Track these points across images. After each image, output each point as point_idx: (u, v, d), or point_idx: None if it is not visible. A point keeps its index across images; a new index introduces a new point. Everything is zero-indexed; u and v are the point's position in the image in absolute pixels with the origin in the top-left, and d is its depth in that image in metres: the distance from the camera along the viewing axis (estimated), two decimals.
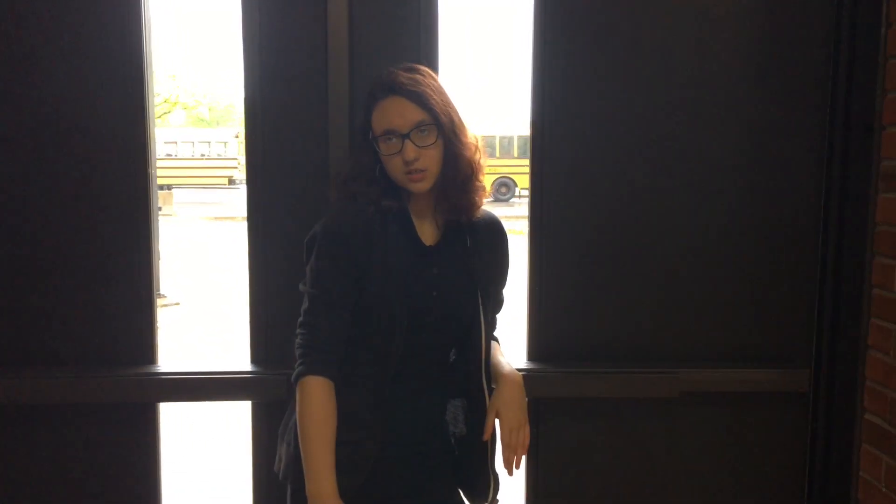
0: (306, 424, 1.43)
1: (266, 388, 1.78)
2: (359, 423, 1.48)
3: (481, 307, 1.54)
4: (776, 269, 1.88)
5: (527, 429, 1.54)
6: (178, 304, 7.89)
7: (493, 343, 1.65)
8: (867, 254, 1.77)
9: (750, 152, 1.84)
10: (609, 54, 1.80)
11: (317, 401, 1.44)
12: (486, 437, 1.52)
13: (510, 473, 1.53)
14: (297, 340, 1.45)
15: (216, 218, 15.47)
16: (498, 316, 1.67)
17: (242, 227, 2.10)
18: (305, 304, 1.46)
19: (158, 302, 1.98)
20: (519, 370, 1.59)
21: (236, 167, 20.26)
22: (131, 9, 1.75)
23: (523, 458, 1.54)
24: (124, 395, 1.79)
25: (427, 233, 1.55)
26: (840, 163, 1.81)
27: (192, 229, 14.28)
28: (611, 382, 1.80)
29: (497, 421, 1.52)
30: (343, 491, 1.44)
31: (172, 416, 3.32)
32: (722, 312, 1.88)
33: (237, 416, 3.94)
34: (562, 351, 1.86)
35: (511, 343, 1.79)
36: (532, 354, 1.87)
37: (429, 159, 1.45)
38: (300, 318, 1.45)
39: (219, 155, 20.89)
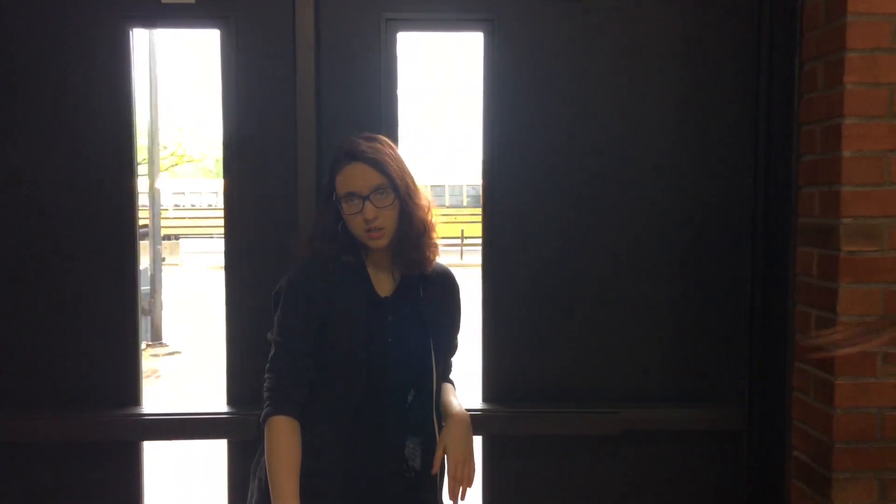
0: (273, 459, 1.57)
1: (240, 428, 1.93)
2: (324, 455, 1.61)
3: (433, 353, 1.68)
4: (712, 316, 2.04)
5: (472, 463, 1.66)
6: (179, 352, 8.04)
7: (448, 385, 1.78)
8: (789, 302, 1.94)
9: (683, 209, 2.01)
10: (551, 120, 1.99)
11: (282, 438, 1.58)
12: (435, 470, 1.65)
13: (454, 503, 1.67)
14: (265, 384, 1.61)
15: (221, 267, 15.68)
16: (453, 360, 1.83)
17: None
18: (272, 352, 1.62)
19: (160, 351, 2.13)
20: (473, 410, 1.75)
21: None
22: (121, 73, 1.93)
23: (468, 490, 1.68)
24: (111, 435, 1.95)
25: (383, 285, 1.69)
26: (763, 220, 1.98)
27: (197, 278, 14.48)
28: (555, 421, 1.95)
29: (445, 456, 1.66)
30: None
31: (154, 454, 3.44)
32: (662, 355, 2.03)
33: (215, 453, 4.08)
34: (513, 391, 2.01)
35: (468, 385, 1.95)
36: (486, 395, 2.02)
37: (386, 218, 1.61)
38: (267, 364, 1.61)
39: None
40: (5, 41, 1.89)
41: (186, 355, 7.89)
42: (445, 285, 1.77)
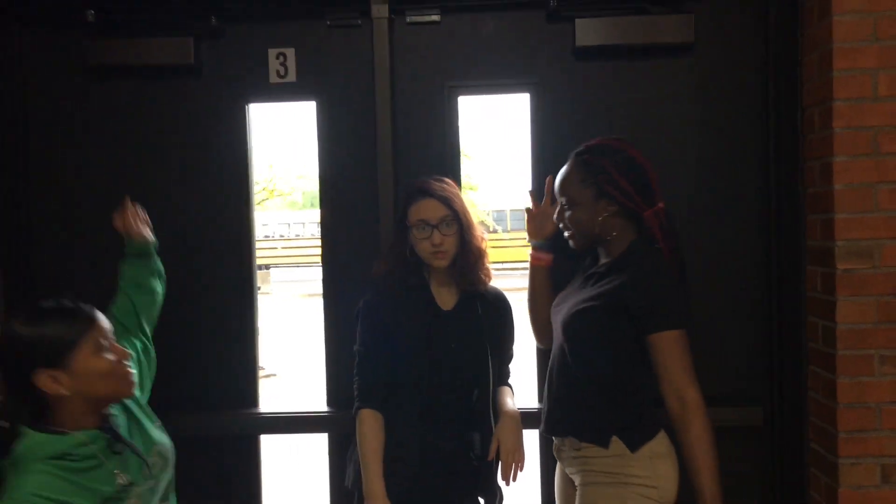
0: (362, 443, 1.99)
1: (338, 423, 2.35)
2: (403, 443, 1.99)
3: (489, 357, 2.06)
4: (736, 328, 2.35)
5: (521, 451, 2.02)
6: (275, 374, 8.65)
7: (505, 388, 2.15)
8: (802, 315, 2.24)
9: (709, 238, 2.33)
10: None
11: (368, 427, 1.99)
12: (490, 457, 2.02)
13: (507, 484, 2.03)
14: (354, 386, 2.04)
15: (310, 295, 16.48)
16: (510, 367, 2.21)
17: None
18: (357, 360, 2.04)
19: (259, 373, 2.58)
20: (529, 409, 2.14)
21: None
22: (241, 138, 2.42)
23: (521, 476, 2.03)
24: (236, 430, 2.41)
25: (445, 300, 2.07)
26: (777, 245, 2.28)
27: (288, 306, 15.26)
28: None
29: (499, 445, 2.01)
30: (392, 492, 1.95)
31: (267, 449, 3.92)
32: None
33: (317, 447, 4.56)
34: None
35: (526, 388, 2.32)
36: (540, 397, 2.38)
37: (449, 244, 1.99)
38: (355, 370, 2.03)
39: (312, 235, 22.17)
40: (156, 117, 2.40)
41: (282, 377, 8.49)
42: (499, 303, 2.15)
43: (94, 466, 1.53)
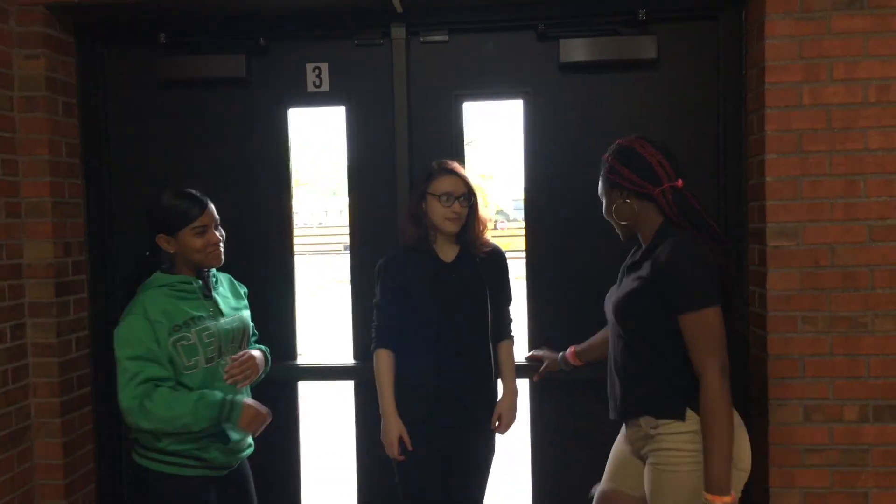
0: (378, 375, 2.50)
1: (362, 373, 2.85)
2: (420, 374, 2.45)
3: (488, 297, 2.50)
4: None
5: (514, 420, 2.56)
6: (301, 354, 9.16)
7: (508, 346, 2.61)
8: (745, 284, 2.70)
9: None
10: (571, 159, 2.82)
11: (383, 362, 2.49)
12: (493, 426, 2.54)
13: (502, 433, 2.57)
14: (372, 331, 2.54)
15: (337, 281, 17.05)
16: (510, 310, 2.63)
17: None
18: (375, 311, 2.54)
19: None
20: (521, 363, 2.63)
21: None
22: (283, 139, 2.92)
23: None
24: (279, 376, 2.92)
25: (447, 255, 2.52)
26: (727, 226, 2.74)
27: (311, 292, 15.83)
28: (582, 370, 2.78)
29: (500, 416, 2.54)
30: (414, 417, 2.44)
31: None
32: None
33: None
34: (552, 349, 2.85)
35: (521, 344, 2.79)
36: (531, 346, 2.87)
37: (464, 214, 2.46)
38: (373, 319, 2.53)
39: (334, 224, 22.80)
40: (213, 120, 2.91)
41: (305, 357, 9.01)
42: (495, 255, 2.58)
43: (188, 297, 2.20)
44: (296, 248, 3.04)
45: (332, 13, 2.77)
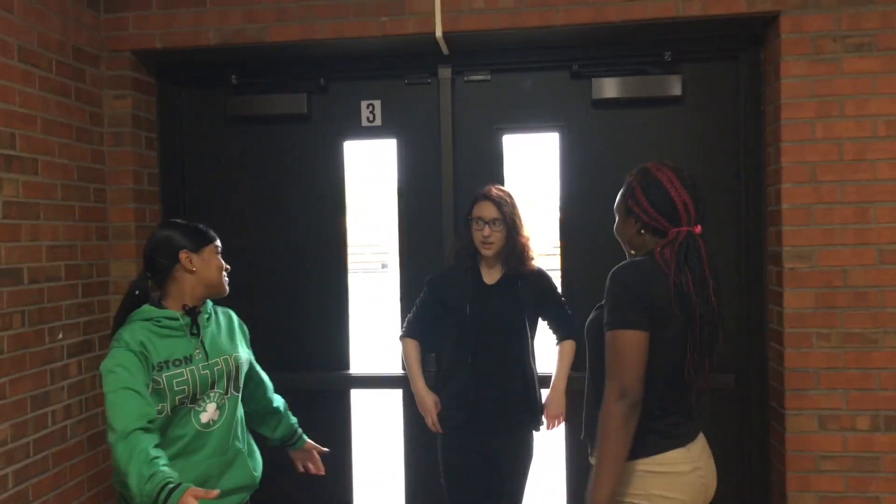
0: (406, 359, 2.82)
1: (408, 382, 3.12)
2: (460, 383, 2.68)
3: (526, 317, 2.70)
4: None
5: (562, 416, 2.77)
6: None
7: (568, 344, 2.79)
8: (765, 303, 2.92)
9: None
10: (601, 186, 3.07)
11: (409, 348, 2.82)
12: (544, 426, 2.76)
13: (549, 428, 2.77)
14: (405, 320, 2.86)
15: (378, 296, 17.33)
16: (570, 312, 2.83)
17: (393, 307, 3.46)
18: (411, 312, 2.86)
19: None
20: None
21: (387, 253, 22.53)
22: (339, 167, 3.21)
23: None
24: (334, 386, 3.20)
25: (490, 277, 2.74)
26: (746, 249, 2.96)
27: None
28: None
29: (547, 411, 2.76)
30: (454, 422, 2.69)
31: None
32: None
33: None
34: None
35: None
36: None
37: (496, 238, 2.66)
38: (412, 311, 2.84)
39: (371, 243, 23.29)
40: (277, 152, 3.22)
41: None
42: (538, 275, 2.78)
43: (173, 335, 2.07)
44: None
45: (385, 56, 3.07)
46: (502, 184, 3.11)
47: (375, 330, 10.44)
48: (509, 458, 2.74)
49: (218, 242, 2.21)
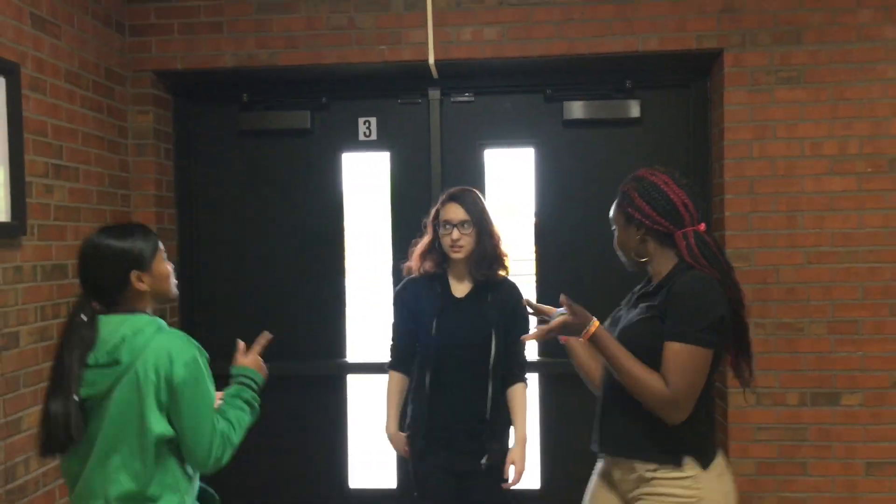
0: (387, 395, 2.68)
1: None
2: (427, 403, 2.54)
3: (493, 338, 2.52)
4: None
5: (523, 468, 2.55)
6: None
7: (520, 388, 2.59)
8: None
9: None
10: (572, 195, 3.50)
11: (393, 384, 2.68)
12: (505, 476, 2.53)
13: (513, 484, 2.54)
14: (389, 350, 2.72)
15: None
16: (524, 353, 2.65)
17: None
18: (391, 331, 2.73)
19: None
20: (532, 360, 3.20)
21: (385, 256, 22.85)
22: (337, 178, 3.59)
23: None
24: (332, 371, 3.57)
25: (460, 289, 2.59)
26: None
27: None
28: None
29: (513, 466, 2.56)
30: (429, 437, 2.53)
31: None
32: None
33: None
34: (556, 350, 3.51)
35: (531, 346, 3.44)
36: (539, 351, 3.52)
37: (465, 241, 2.50)
38: (390, 338, 2.74)
39: None
40: (283, 162, 3.58)
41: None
42: (509, 292, 2.60)
43: None
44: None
45: (381, 78, 3.46)
46: (483, 192, 3.52)
47: (371, 325, 10.76)
48: (480, 477, 2.59)
49: (161, 246, 1.95)
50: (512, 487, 2.57)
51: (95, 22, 3.02)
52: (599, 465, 2.16)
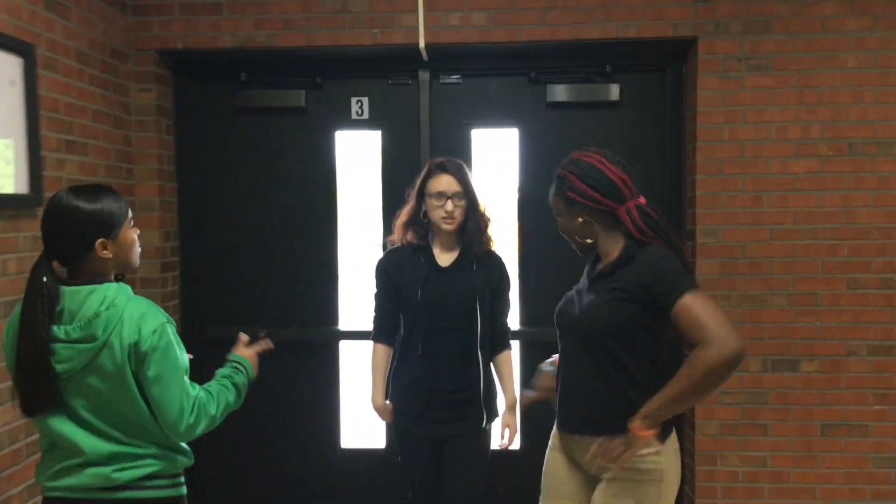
0: (372, 368, 2.72)
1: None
2: (413, 373, 2.61)
3: (478, 306, 2.57)
4: None
5: (516, 430, 2.73)
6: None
7: (506, 354, 2.73)
8: None
9: None
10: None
11: (377, 357, 2.72)
12: (501, 443, 2.70)
13: (508, 444, 2.74)
14: (372, 323, 2.78)
15: None
16: (508, 322, 2.78)
17: None
18: (374, 303, 2.78)
19: None
20: (515, 329, 3.42)
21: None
22: (331, 155, 3.76)
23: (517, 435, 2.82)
24: (325, 338, 3.77)
25: (444, 259, 2.63)
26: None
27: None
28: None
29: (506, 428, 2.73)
30: (411, 413, 2.62)
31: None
32: None
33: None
34: (536, 320, 3.72)
35: (514, 316, 3.65)
36: (521, 321, 3.73)
37: (458, 213, 2.54)
38: (373, 311, 2.80)
39: None
40: (279, 139, 3.74)
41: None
42: (494, 263, 2.70)
43: None
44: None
45: (373, 59, 3.63)
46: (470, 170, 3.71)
47: (362, 294, 10.98)
48: (464, 449, 2.67)
49: (130, 214, 1.89)
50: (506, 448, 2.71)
51: (101, 3, 3.16)
52: (555, 440, 2.22)
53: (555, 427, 2.22)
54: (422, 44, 3.40)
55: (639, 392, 1.95)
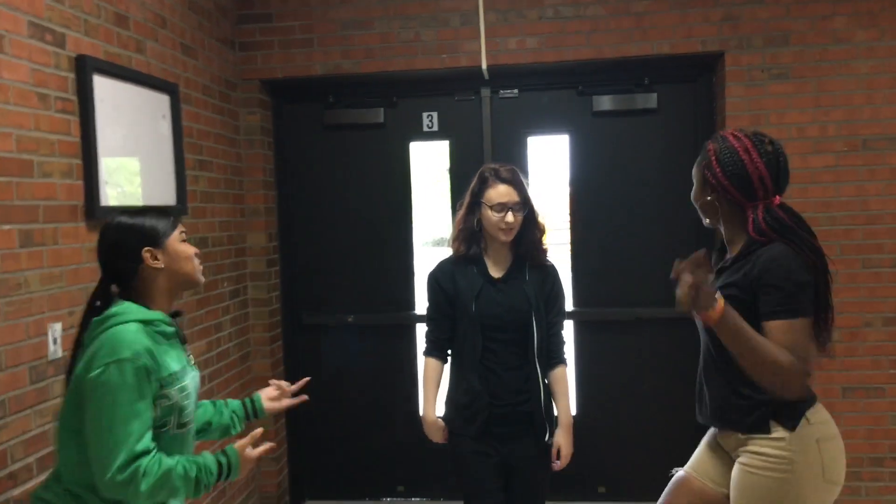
0: (424, 381, 2.57)
1: None
2: (472, 390, 2.43)
3: (534, 316, 2.43)
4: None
5: (570, 451, 2.51)
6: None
7: (561, 370, 2.51)
8: None
9: (665, 212, 4.18)
10: (603, 175, 4.23)
11: (429, 371, 2.55)
12: (553, 463, 2.50)
13: (559, 468, 2.53)
14: (425, 336, 2.62)
15: None
16: (563, 333, 2.59)
17: None
18: (426, 318, 2.63)
19: None
20: (569, 310, 3.97)
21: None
22: (406, 165, 4.34)
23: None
24: (402, 322, 4.35)
25: (497, 270, 2.49)
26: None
27: None
28: (607, 313, 4.18)
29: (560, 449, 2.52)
30: (469, 433, 2.44)
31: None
32: (660, 280, 4.21)
33: None
34: (589, 300, 4.25)
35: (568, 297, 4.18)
36: (574, 302, 4.26)
37: (517, 223, 2.43)
38: (426, 324, 2.67)
39: None
40: (361, 151, 4.34)
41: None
42: (548, 273, 2.55)
43: (166, 342, 1.80)
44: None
45: (441, 80, 4.21)
46: (527, 174, 4.25)
47: None
48: (528, 463, 2.54)
49: (180, 227, 1.89)
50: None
51: (217, 43, 3.80)
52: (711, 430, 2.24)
53: None
54: (484, 65, 3.96)
55: (751, 387, 1.93)
